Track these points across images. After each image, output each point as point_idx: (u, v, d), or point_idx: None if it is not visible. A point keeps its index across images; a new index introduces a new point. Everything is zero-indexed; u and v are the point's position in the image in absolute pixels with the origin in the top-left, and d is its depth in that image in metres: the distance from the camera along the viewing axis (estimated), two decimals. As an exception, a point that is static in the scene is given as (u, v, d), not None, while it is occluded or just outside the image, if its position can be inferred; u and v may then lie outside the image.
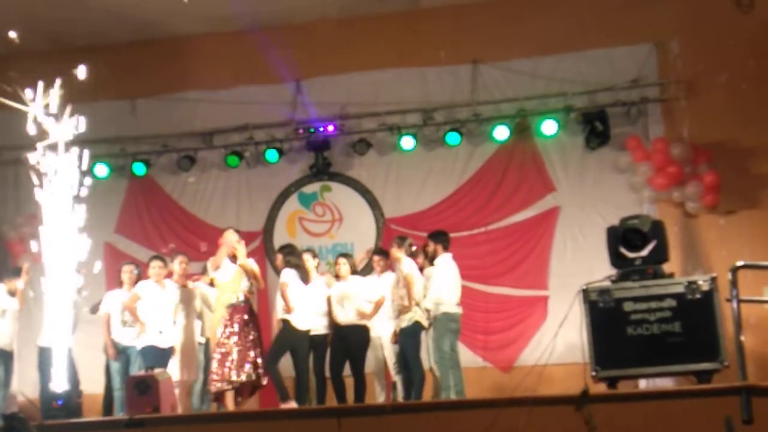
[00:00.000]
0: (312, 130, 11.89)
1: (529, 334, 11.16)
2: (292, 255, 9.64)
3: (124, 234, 12.36)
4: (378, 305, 9.74)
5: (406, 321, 9.45)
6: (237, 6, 11.48)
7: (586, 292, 7.95)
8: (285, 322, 9.44)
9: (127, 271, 10.33)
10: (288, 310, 9.37)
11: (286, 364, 9.62)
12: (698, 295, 7.72)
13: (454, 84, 11.81)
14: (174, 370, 9.63)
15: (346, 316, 9.70)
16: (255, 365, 9.19)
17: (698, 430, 6.91)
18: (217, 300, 9.59)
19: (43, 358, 10.16)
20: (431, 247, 9.83)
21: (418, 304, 9.45)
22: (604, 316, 7.87)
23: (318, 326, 9.73)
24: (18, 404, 11.11)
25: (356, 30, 11.94)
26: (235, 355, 9.13)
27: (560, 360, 9.28)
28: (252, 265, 9.56)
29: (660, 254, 8.13)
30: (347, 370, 9.78)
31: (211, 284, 9.77)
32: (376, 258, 10.12)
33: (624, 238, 8.17)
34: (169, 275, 10.14)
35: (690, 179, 10.93)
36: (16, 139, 12.34)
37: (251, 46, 12.03)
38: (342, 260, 10.01)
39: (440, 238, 9.85)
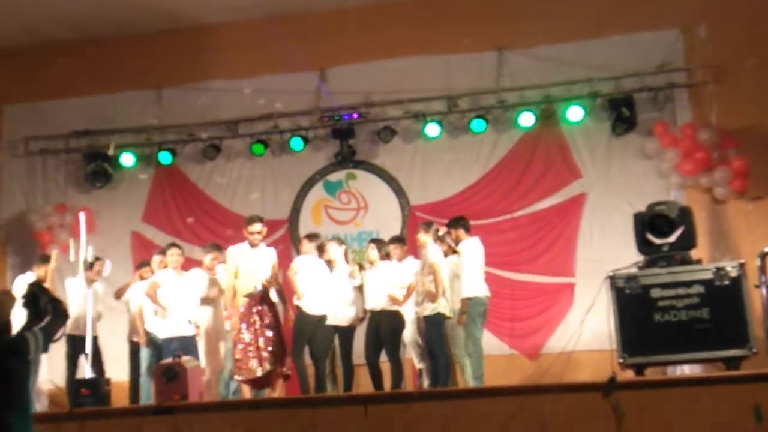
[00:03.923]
0: (337, 117, 11.89)
1: (556, 321, 11.11)
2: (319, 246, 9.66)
3: (150, 223, 12.42)
4: (410, 290, 9.71)
5: (428, 310, 9.43)
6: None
7: (612, 279, 7.93)
8: (298, 309, 9.48)
9: (156, 261, 10.41)
10: (298, 296, 9.40)
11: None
12: (726, 282, 7.68)
13: (478, 71, 11.76)
14: (201, 358, 9.70)
15: (377, 302, 9.69)
16: (274, 355, 9.17)
17: (726, 417, 6.87)
18: (232, 287, 9.54)
19: (71, 346, 10.28)
20: (453, 233, 9.80)
21: (444, 293, 9.42)
22: (631, 303, 7.84)
23: (344, 315, 9.74)
24: (47, 392, 11.25)
25: (380, 17, 11.91)
26: (255, 346, 9.13)
27: (587, 347, 9.22)
28: None
29: (688, 240, 8.08)
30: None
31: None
32: (392, 246, 10.10)
33: (651, 224, 8.12)
34: (199, 265, 10.21)
35: (718, 165, 10.83)
36: (43, 129, 12.54)
37: (275, 35, 12.04)
38: (372, 246, 10.01)
39: (459, 222, 9.81)
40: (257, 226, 9.46)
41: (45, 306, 5.48)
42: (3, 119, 12.86)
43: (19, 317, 5.48)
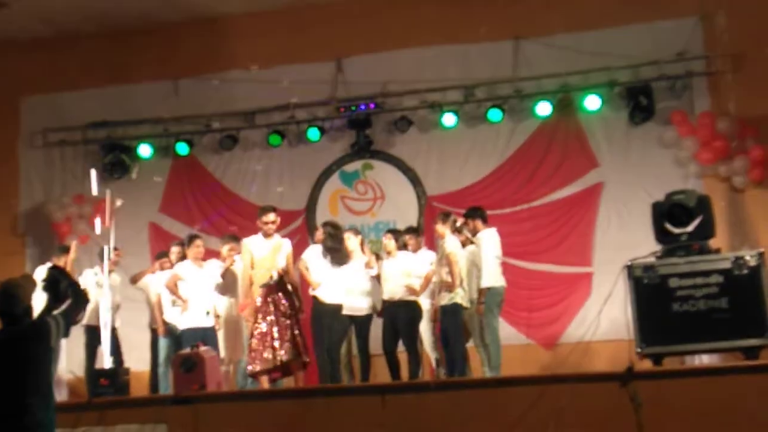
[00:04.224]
0: (353, 108, 11.89)
1: (573, 311, 11.09)
2: (332, 237, 9.62)
3: (168, 213, 12.47)
4: (428, 280, 9.71)
5: (446, 300, 9.43)
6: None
7: (630, 269, 7.88)
8: (314, 299, 9.49)
9: (175, 252, 10.44)
10: (312, 286, 9.42)
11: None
12: (745, 271, 7.62)
13: (495, 60, 11.73)
14: (220, 348, 9.74)
15: (394, 293, 9.69)
16: (292, 345, 9.19)
17: (745, 407, 6.84)
18: (248, 278, 9.56)
19: (89, 336, 10.35)
20: (470, 224, 9.79)
21: (461, 283, 9.42)
22: (649, 293, 7.79)
23: (360, 305, 9.74)
24: (67, 382, 11.31)
25: (396, 7, 11.88)
26: (270, 336, 9.14)
27: (604, 337, 9.21)
28: None
29: (706, 230, 8.02)
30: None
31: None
32: (407, 236, 10.09)
33: (669, 213, 8.07)
34: (217, 255, 10.24)
35: (736, 154, 10.78)
36: (61, 120, 12.60)
37: (292, 25, 12.05)
38: (388, 236, 10.00)
39: (476, 213, 9.81)
40: (271, 216, 9.48)
41: (65, 289, 5.52)
42: (22, 111, 12.92)
43: (39, 301, 5.52)
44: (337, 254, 9.52)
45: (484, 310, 9.43)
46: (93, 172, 11.04)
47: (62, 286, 5.53)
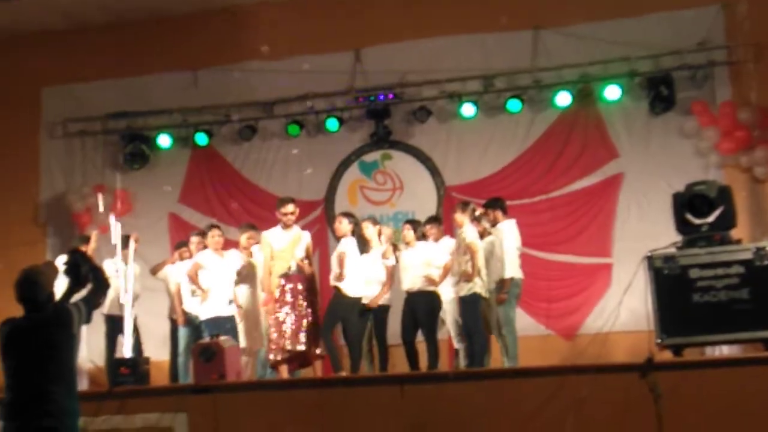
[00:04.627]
0: (372, 98, 11.88)
1: (593, 301, 11.06)
2: (358, 227, 9.64)
3: (187, 204, 12.50)
4: (446, 270, 9.70)
5: (465, 290, 9.41)
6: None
7: (650, 259, 7.85)
8: (336, 290, 9.48)
9: (194, 242, 10.47)
10: (340, 277, 9.40)
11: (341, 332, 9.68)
12: (767, 262, 7.58)
13: (514, 50, 11.68)
14: (240, 337, 9.77)
15: (414, 283, 9.68)
16: (310, 335, 9.21)
17: (766, 398, 6.81)
18: (268, 270, 9.58)
19: (110, 326, 10.41)
20: (491, 214, 9.77)
21: (479, 273, 9.40)
22: (670, 283, 7.76)
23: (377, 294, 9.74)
24: (87, 371, 11.39)
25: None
26: (289, 325, 9.17)
27: (624, 328, 9.18)
28: None
29: (727, 220, 7.98)
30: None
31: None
32: (428, 226, 10.08)
33: (690, 204, 8.03)
34: (236, 245, 10.27)
35: (758, 144, 10.70)
36: (81, 111, 12.65)
37: (311, 15, 12.04)
38: (407, 227, 9.99)
39: (497, 204, 9.79)
40: (290, 207, 9.50)
41: (86, 273, 5.55)
42: (42, 101, 12.98)
43: (61, 287, 5.54)
44: (362, 241, 9.56)
45: (504, 301, 9.42)
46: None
47: (83, 270, 5.55)
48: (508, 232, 9.58)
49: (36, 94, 12.94)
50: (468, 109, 11.55)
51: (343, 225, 9.70)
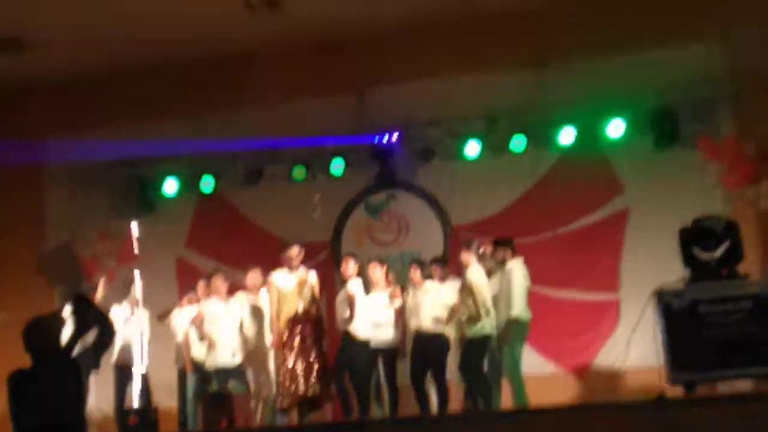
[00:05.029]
0: (376, 139, 11.91)
1: (603, 338, 10.99)
2: (362, 266, 9.65)
3: (195, 248, 12.51)
4: (454, 311, 9.67)
5: (473, 332, 9.38)
6: (298, 20, 11.55)
7: (659, 295, 7.84)
8: (346, 333, 9.45)
9: (202, 287, 10.47)
10: (349, 320, 9.38)
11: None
12: (776, 296, 7.55)
13: (517, 88, 11.71)
14: (249, 382, 9.73)
15: (421, 324, 9.65)
16: (319, 378, 9.17)
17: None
18: (275, 313, 9.58)
19: (119, 375, 10.38)
20: (500, 254, 9.76)
21: (487, 313, 9.36)
22: (679, 319, 7.74)
23: (386, 336, 9.71)
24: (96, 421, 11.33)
25: (418, 38, 11.90)
26: (299, 369, 9.13)
27: (635, 364, 9.14)
28: None
29: (735, 254, 7.97)
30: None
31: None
32: (433, 267, 10.07)
33: (697, 238, 8.02)
34: (243, 288, 10.26)
35: (763, 177, 10.69)
36: (87, 159, 12.69)
37: (314, 58, 12.12)
38: (415, 267, 9.99)
39: (508, 243, 9.78)
40: (294, 250, 9.53)
41: (92, 317, 5.54)
42: (48, 150, 13.04)
43: (66, 333, 5.53)
44: (371, 287, 9.57)
45: (511, 341, 9.37)
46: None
47: (89, 314, 5.54)
48: (517, 272, 9.56)
49: (42, 143, 12.98)
50: (472, 149, 11.58)
51: (350, 266, 9.69)
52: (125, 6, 10.81)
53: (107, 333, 5.64)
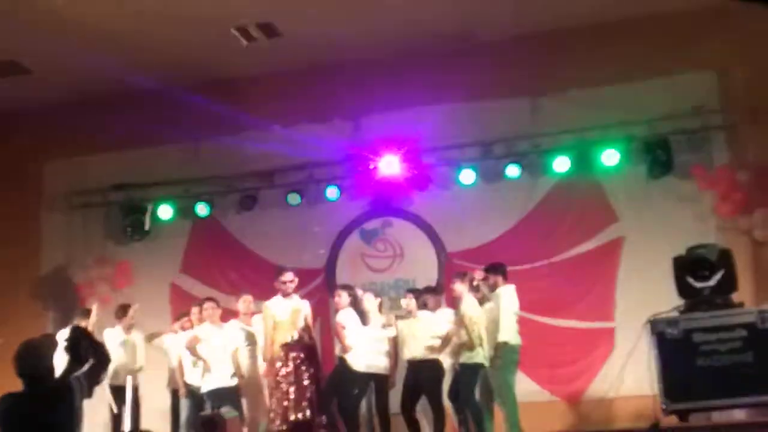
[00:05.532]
0: (372, 166, 11.94)
1: (597, 366, 10.97)
2: (357, 301, 9.68)
3: (189, 273, 12.49)
4: (447, 340, 9.67)
5: (464, 357, 9.38)
6: (295, 47, 11.62)
7: (653, 323, 7.86)
8: (340, 360, 9.45)
9: (195, 313, 10.45)
10: (344, 349, 9.39)
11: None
12: (769, 325, 7.57)
13: (512, 116, 11.77)
14: (242, 408, 9.70)
15: (416, 352, 9.65)
16: (312, 404, 9.16)
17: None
18: (270, 340, 9.57)
19: (114, 396, 10.33)
20: (491, 279, 9.77)
21: (480, 344, 9.36)
22: (673, 348, 7.76)
23: (379, 365, 9.71)
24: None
25: (412, 66, 11.96)
26: (292, 395, 9.13)
27: (629, 392, 9.14)
28: None
29: (728, 283, 8.00)
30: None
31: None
32: (426, 296, 10.09)
33: (691, 267, 8.05)
34: (236, 315, 10.25)
35: (756, 206, 10.74)
36: (83, 184, 12.72)
37: (310, 85, 12.17)
38: (409, 296, 10.01)
39: (499, 269, 9.78)
40: (288, 276, 9.56)
41: (86, 350, 5.51)
42: (44, 175, 13.07)
43: (60, 362, 5.50)
44: (364, 317, 9.58)
45: (502, 367, 9.35)
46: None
47: (83, 347, 5.51)
48: (505, 297, 9.55)
49: (38, 168, 13.04)
50: (467, 176, 11.62)
51: (342, 298, 9.76)
52: (122, 31, 10.87)
53: (102, 363, 5.60)
